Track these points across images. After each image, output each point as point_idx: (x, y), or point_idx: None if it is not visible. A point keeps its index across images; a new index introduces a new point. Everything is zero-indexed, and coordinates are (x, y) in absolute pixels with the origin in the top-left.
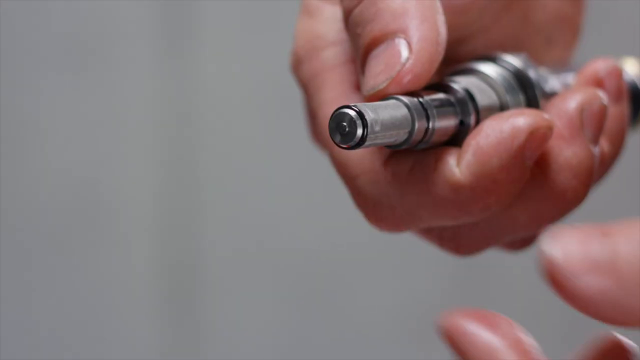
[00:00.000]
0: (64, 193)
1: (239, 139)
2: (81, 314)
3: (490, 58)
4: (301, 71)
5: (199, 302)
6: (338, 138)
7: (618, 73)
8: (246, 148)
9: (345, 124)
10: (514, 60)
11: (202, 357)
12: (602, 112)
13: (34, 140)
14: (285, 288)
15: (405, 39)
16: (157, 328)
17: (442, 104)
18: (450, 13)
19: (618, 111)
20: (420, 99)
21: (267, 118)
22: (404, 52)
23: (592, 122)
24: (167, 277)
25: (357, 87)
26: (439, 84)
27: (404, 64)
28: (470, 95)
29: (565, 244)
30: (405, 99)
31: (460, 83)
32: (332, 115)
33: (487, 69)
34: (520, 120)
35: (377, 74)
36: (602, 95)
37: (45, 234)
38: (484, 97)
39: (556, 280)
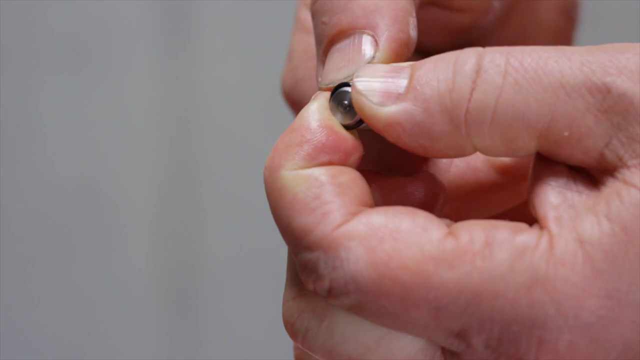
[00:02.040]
0: (64, 193)
1: (238, 139)
2: (81, 313)
3: None
4: (299, 91)
5: (199, 302)
6: (339, 117)
7: None
8: (246, 148)
9: (346, 102)
10: None
11: (202, 357)
12: None
13: (34, 140)
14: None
15: (372, 36)
16: (157, 328)
17: None
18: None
19: None
20: None
21: (267, 118)
22: (369, 50)
23: None
24: (167, 277)
25: None
26: None
27: (367, 62)
28: None
29: (368, 78)
30: None
31: None
32: (332, 94)
33: None
34: None
35: (339, 68)
36: None
37: (45, 234)
38: None
39: (363, 110)
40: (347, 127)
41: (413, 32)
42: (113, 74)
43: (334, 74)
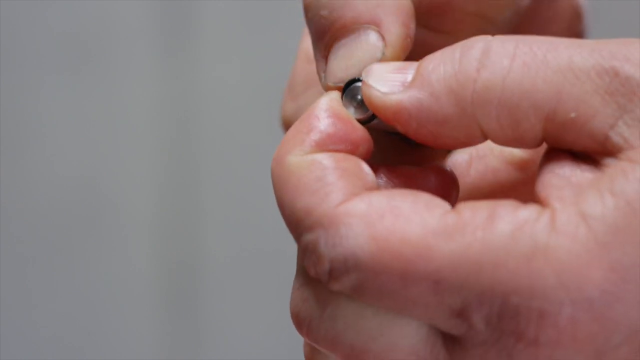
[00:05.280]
0: (64, 193)
1: (239, 139)
2: (81, 314)
3: None
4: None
5: (199, 302)
6: (352, 111)
7: None
8: (246, 148)
9: (359, 97)
10: None
11: (202, 357)
12: None
13: (34, 140)
14: (285, 289)
15: (377, 31)
16: (157, 328)
17: None
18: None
19: None
20: None
21: (267, 118)
22: (379, 46)
23: None
24: (167, 277)
25: None
26: None
27: (379, 59)
28: None
29: (377, 72)
30: None
31: None
32: (344, 89)
33: None
34: None
35: (347, 65)
36: None
37: (45, 234)
38: None
39: (372, 101)
40: (360, 122)
41: (412, 25)
42: (113, 74)
43: (342, 71)
